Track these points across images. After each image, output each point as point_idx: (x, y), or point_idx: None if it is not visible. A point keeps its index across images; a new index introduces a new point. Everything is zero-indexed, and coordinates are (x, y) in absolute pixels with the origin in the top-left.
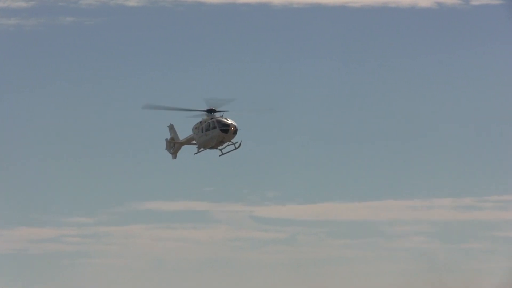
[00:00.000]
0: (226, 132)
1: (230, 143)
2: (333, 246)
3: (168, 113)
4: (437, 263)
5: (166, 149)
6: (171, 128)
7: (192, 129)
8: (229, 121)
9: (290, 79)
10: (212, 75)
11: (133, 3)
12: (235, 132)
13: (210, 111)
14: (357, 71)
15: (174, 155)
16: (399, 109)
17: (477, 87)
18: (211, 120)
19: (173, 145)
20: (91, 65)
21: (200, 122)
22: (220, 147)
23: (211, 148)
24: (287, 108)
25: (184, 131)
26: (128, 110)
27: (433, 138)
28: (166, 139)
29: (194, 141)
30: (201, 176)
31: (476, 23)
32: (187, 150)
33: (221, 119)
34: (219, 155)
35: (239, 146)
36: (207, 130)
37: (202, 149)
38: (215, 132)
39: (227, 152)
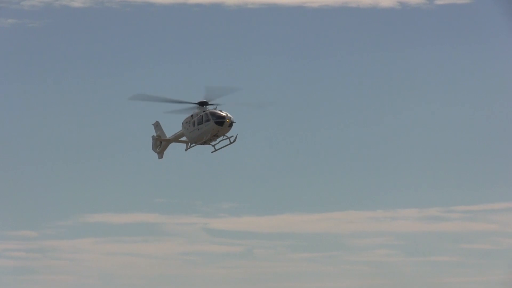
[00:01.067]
0: (221, 124)
1: (224, 137)
2: (293, 260)
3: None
4: (402, 276)
5: (152, 148)
6: (157, 125)
7: (182, 124)
8: (223, 113)
9: (243, 80)
10: (161, 77)
11: (79, 4)
12: (230, 124)
13: (202, 103)
14: (314, 72)
15: (161, 154)
16: (361, 115)
17: (441, 90)
18: (203, 113)
19: (160, 143)
20: (34, 69)
21: (191, 115)
22: (214, 142)
23: (204, 143)
24: None
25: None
26: (69, 116)
27: (396, 147)
28: (152, 136)
29: (183, 138)
30: (152, 187)
31: (441, 23)
32: (138, 161)
33: (215, 111)
34: (212, 152)
35: (234, 141)
36: (199, 123)
37: (193, 144)
38: (209, 125)
39: (221, 148)
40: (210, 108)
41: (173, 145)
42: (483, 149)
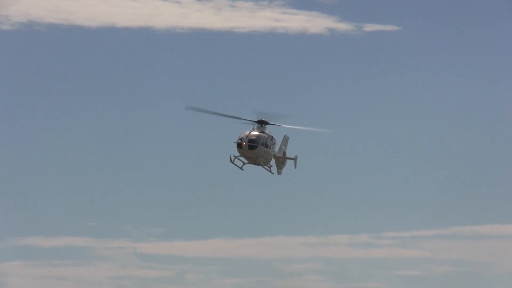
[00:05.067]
0: (239, 147)
1: (269, 165)
2: (223, 285)
3: None
4: None
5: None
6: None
7: None
8: (248, 136)
9: (171, 107)
10: (92, 101)
11: (7, 27)
12: (251, 147)
13: (261, 122)
14: (240, 96)
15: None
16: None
17: (373, 117)
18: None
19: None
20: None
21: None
22: (262, 164)
23: (255, 164)
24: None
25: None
26: None
27: (325, 173)
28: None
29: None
30: (82, 210)
31: (370, 50)
32: (69, 184)
33: (246, 133)
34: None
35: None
36: None
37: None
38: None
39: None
40: (267, 127)
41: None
42: (411, 176)
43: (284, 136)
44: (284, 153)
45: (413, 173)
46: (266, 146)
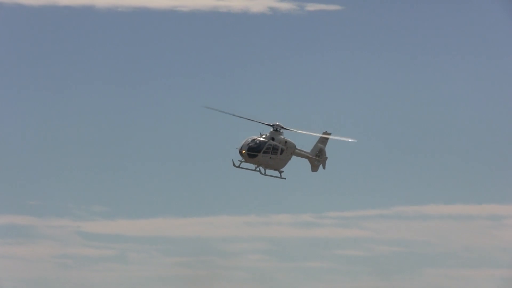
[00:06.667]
0: (240, 153)
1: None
2: (166, 264)
3: None
4: (275, 282)
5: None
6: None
7: None
8: (249, 141)
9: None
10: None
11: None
12: (250, 155)
13: (274, 127)
14: (181, 73)
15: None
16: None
17: (315, 94)
18: None
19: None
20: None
21: None
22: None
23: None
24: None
25: None
26: None
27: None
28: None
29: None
30: (24, 188)
31: (312, 29)
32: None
33: (248, 139)
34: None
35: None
36: None
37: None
38: None
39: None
40: (283, 132)
41: None
42: (354, 156)
43: (324, 132)
44: (321, 150)
45: (355, 153)
46: (274, 152)
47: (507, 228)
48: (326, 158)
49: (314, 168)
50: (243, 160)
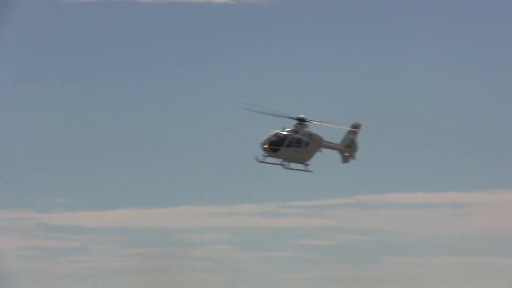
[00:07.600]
0: (262, 149)
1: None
2: (128, 256)
3: None
4: (240, 272)
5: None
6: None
7: None
8: (271, 135)
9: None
10: None
11: None
12: (272, 150)
13: (300, 120)
14: (142, 67)
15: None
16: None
17: (279, 86)
18: None
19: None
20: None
21: None
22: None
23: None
24: None
25: None
26: None
27: (228, 143)
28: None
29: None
30: None
31: (276, 19)
32: None
33: (271, 133)
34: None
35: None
36: None
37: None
38: None
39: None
40: (307, 124)
41: None
42: None
43: (353, 124)
44: (352, 141)
45: None
46: (298, 145)
47: (470, 215)
48: (357, 149)
49: (345, 159)
50: (266, 155)
